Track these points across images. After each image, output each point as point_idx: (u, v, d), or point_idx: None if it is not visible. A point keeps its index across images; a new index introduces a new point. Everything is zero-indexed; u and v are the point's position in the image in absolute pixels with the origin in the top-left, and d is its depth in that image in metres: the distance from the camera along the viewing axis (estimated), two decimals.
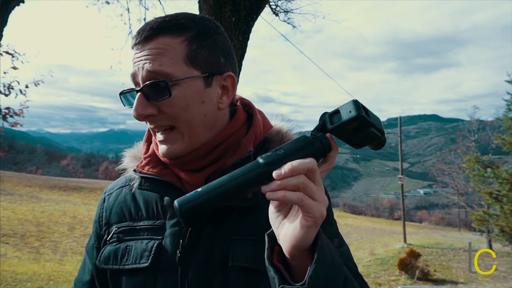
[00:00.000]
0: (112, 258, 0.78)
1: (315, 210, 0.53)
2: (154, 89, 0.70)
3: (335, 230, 0.84)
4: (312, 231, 0.55)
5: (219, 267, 0.71)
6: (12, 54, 6.74)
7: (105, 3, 6.63)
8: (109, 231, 0.84)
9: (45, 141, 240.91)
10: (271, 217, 0.60)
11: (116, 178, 0.96)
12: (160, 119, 0.73)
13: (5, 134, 8.84)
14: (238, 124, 0.81)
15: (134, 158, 0.88)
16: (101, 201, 0.91)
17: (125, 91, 0.76)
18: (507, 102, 10.85)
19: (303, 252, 0.56)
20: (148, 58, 0.70)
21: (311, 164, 0.54)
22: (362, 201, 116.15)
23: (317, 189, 0.55)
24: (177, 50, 0.71)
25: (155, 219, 0.79)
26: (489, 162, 11.62)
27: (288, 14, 6.96)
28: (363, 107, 0.57)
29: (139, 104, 0.71)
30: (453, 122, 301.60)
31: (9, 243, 12.20)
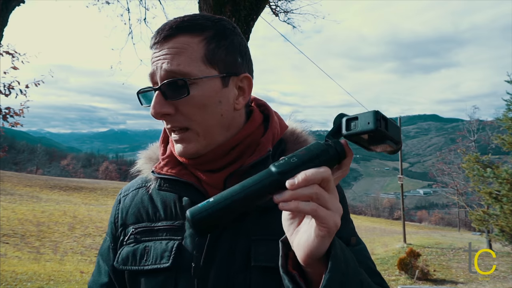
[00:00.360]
0: (131, 259, 0.78)
1: (329, 220, 0.52)
2: (172, 88, 0.71)
3: (352, 228, 0.84)
4: (326, 241, 0.54)
5: (241, 267, 0.72)
6: (12, 54, 6.76)
7: (105, 3, 6.65)
8: (125, 232, 0.83)
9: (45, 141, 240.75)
10: (285, 224, 0.59)
11: (116, 178, 0.96)
12: (176, 119, 0.73)
13: (5, 134, 8.85)
14: (255, 124, 0.81)
15: (149, 159, 0.88)
16: (116, 202, 0.91)
17: (143, 89, 0.77)
18: (507, 102, 10.85)
19: (317, 260, 0.56)
20: (167, 57, 0.71)
21: (325, 173, 0.53)
22: (362, 201, 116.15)
23: (331, 198, 0.54)
24: (195, 49, 0.72)
25: (173, 219, 0.79)
26: (488, 162, 11.62)
27: (288, 14, 6.98)
28: (383, 119, 0.54)
29: (157, 103, 0.71)
30: (453, 122, 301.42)
31: (9, 243, 12.20)
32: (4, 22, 4.53)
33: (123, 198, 0.90)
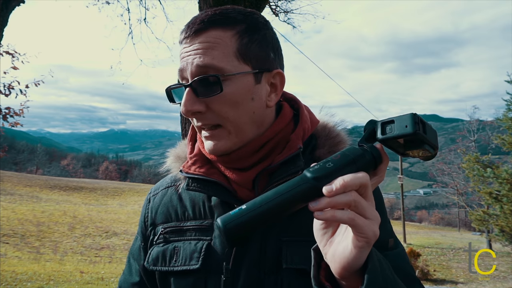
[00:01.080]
0: (161, 259, 0.77)
1: (368, 230, 0.49)
2: (204, 85, 0.68)
3: (390, 229, 0.80)
4: (364, 252, 0.51)
5: (271, 268, 0.70)
6: (12, 54, 6.75)
7: (105, 3, 6.64)
8: (155, 232, 0.82)
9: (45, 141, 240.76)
10: (317, 234, 0.56)
11: (115, 178, 0.96)
12: (208, 117, 0.71)
13: (5, 134, 8.85)
14: (285, 120, 0.78)
15: (177, 158, 0.86)
16: (146, 201, 0.90)
17: (173, 86, 0.74)
18: (507, 102, 10.86)
19: (353, 273, 0.52)
20: (198, 52, 0.68)
21: (364, 178, 0.49)
22: None
23: (369, 206, 0.50)
24: (228, 44, 0.69)
25: (202, 219, 0.78)
26: (488, 162, 11.63)
27: (288, 15, 6.97)
28: (422, 122, 0.52)
29: (188, 100, 0.68)
30: (453, 122, 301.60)
31: (9, 243, 12.20)
32: (4, 22, 4.53)
33: (152, 197, 0.88)
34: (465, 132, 24.88)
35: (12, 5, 4.58)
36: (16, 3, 4.63)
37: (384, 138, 0.53)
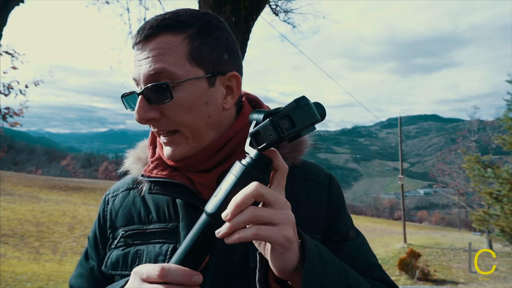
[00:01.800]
0: (122, 264, 0.75)
1: (277, 237, 0.50)
2: (155, 92, 0.67)
3: (350, 221, 0.83)
4: (287, 256, 0.53)
5: (238, 268, 0.70)
6: (12, 54, 6.73)
7: (105, 3, 6.63)
8: (114, 235, 0.80)
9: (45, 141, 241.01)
10: (256, 246, 0.59)
11: (116, 178, 0.94)
12: (163, 123, 0.70)
13: (5, 134, 8.83)
14: (245, 120, 0.78)
15: (138, 159, 0.85)
16: (103, 203, 0.87)
17: (126, 93, 0.74)
18: (508, 102, 10.84)
19: (293, 273, 0.54)
20: (150, 59, 0.68)
21: (255, 190, 0.50)
22: (362, 201, 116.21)
23: (272, 212, 0.51)
24: (179, 48, 0.68)
25: (167, 221, 0.76)
26: (489, 162, 11.61)
27: (288, 14, 6.97)
28: (284, 117, 0.52)
29: (141, 107, 0.68)
30: (453, 122, 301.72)
31: (8, 243, 12.18)
32: (3, 22, 4.52)
33: (112, 198, 0.86)
34: (465, 132, 24.90)
35: (11, 5, 4.57)
36: (15, 3, 4.62)
37: (262, 149, 0.54)
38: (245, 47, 3.84)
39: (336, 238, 0.79)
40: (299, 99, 0.53)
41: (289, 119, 0.51)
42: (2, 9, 4.44)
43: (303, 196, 0.80)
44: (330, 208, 0.81)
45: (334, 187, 0.85)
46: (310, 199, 0.80)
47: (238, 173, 0.53)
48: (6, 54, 6.65)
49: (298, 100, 0.53)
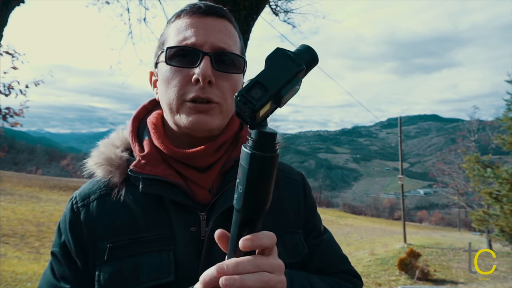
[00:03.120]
0: (118, 280, 0.67)
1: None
2: (223, 60, 0.72)
3: (320, 217, 0.91)
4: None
5: None
6: (12, 54, 6.73)
7: (105, 3, 6.64)
8: (96, 249, 0.70)
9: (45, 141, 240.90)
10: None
11: None
12: (213, 91, 0.71)
13: (5, 134, 8.82)
14: (238, 121, 0.82)
15: (106, 160, 0.77)
16: (70, 213, 0.75)
17: (179, 47, 0.71)
18: (507, 102, 10.85)
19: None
20: (219, 32, 0.73)
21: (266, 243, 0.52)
22: (362, 201, 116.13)
23: (267, 276, 0.51)
24: (237, 41, 0.78)
25: (159, 227, 0.70)
26: (489, 162, 11.62)
27: (288, 14, 6.97)
28: (255, 83, 0.45)
29: (208, 66, 0.69)
30: (453, 122, 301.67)
31: (9, 243, 12.19)
32: (4, 22, 4.52)
33: (83, 207, 0.75)
34: (465, 132, 24.89)
35: (12, 5, 4.58)
36: (16, 3, 4.62)
37: (252, 127, 0.48)
38: (245, 47, 3.85)
39: (314, 233, 0.87)
40: (271, 54, 0.46)
41: (259, 85, 0.45)
42: (2, 9, 4.45)
43: (284, 192, 0.84)
44: (306, 204, 0.88)
45: (307, 185, 0.91)
46: (289, 195, 0.85)
47: (246, 162, 0.50)
48: (7, 54, 6.66)
49: (271, 55, 0.46)
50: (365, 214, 60.51)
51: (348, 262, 0.89)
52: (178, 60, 0.71)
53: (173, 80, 0.71)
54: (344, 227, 27.93)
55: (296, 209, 0.84)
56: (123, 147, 0.81)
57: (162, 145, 0.75)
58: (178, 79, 0.71)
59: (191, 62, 0.70)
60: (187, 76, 0.71)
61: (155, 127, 0.79)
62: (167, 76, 0.72)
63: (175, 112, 0.72)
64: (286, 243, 0.78)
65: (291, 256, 0.78)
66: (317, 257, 0.85)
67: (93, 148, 0.85)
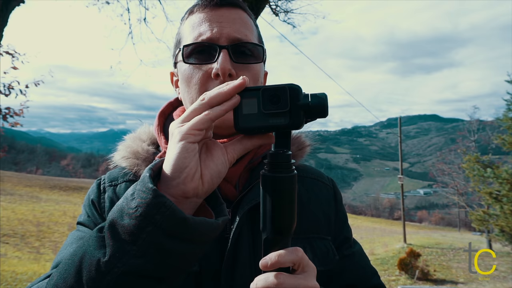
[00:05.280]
0: None
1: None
2: (243, 51, 0.71)
3: (350, 229, 0.88)
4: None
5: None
6: (12, 54, 6.73)
7: (105, 3, 6.65)
8: None
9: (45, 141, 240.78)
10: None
11: None
12: None
13: (5, 134, 8.83)
14: None
15: (132, 153, 0.78)
16: (97, 190, 0.78)
17: (195, 44, 0.71)
18: (507, 102, 10.85)
19: None
20: (234, 23, 0.71)
21: (274, 282, 0.50)
22: (362, 201, 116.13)
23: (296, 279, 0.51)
24: (254, 29, 0.76)
25: None
26: (489, 162, 11.63)
27: (288, 14, 6.97)
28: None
29: (226, 60, 0.68)
30: (453, 122, 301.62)
31: (9, 243, 12.18)
32: (4, 22, 4.52)
33: (110, 187, 0.77)
34: (465, 132, 24.90)
35: (12, 5, 4.58)
36: (16, 4, 4.63)
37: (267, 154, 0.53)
38: None
39: (347, 245, 0.83)
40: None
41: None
42: (2, 9, 4.45)
43: (314, 194, 0.82)
44: (338, 211, 0.84)
45: (338, 191, 0.88)
46: (320, 198, 0.82)
47: (261, 183, 0.51)
48: (7, 54, 6.66)
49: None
50: (365, 214, 60.53)
51: (378, 276, 0.85)
52: (196, 57, 0.71)
53: (193, 78, 0.71)
54: None
55: (326, 214, 0.81)
56: (149, 141, 0.82)
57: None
58: (198, 76, 0.71)
59: (209, 58, 0.70)
60: (207, 72, 0.70)
61: None
62: (186, 74, 0.72)
63: None
64: (315, 248, 0.76)
65: (321, 263, 0.74)
66: (348, 270, 0.81)
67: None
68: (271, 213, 0.50)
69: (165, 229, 0.46)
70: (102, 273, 0.47)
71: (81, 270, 0.49)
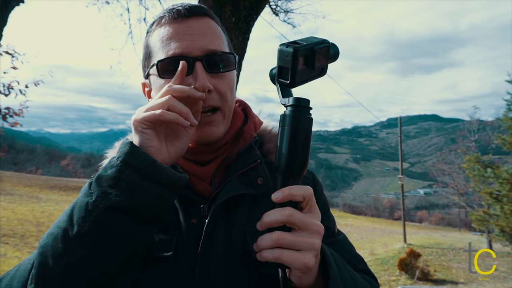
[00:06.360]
0: None
1: (296, 263, 0.54)
2: (215, 61, 0.71)
3: (334, 218, 0.90)
4: (303, 278, 0.57)
5: (239, 261, 0.71)
6: (12, 54, 6.73)
7: (105, 3, 6.64)
8: None
9: (45, 141, 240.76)
10: None
11: None
12: (213, 97, 0.71)
13: (5, 134, 8.82)
14: (241, 117, 0.83)
15: None
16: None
17: (170, 59, 0.70)
18: (507, 102, 10.86)
19: (311, 286, 0.60)
20: (203, 35, 0.71)
21: (285, 216, 0.56)
22: (362, 201, 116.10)
23: (297, 238, 0.55)
24: (222, 36, 0.76)
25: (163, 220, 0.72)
26: (489, 162, 11.63)
27: (288, 14, 6.97)
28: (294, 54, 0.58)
29: (203, 75, 0.69)
30: (453, 122, 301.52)
31: (9, 243, 12.18)
32: (3, 22, 4.52)
33: None
34: (465, 132, 24.88)
35: (12, 5, 4.57)
36: (15, 3, 4.62)
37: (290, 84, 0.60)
38: (245, 47, 3.84)
39: (327, 234, 0.85)
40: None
41: (293, 41, 0.60)
42: (2, 9, 4.45)
43: None
44: (318, 203, 0.86)
45: (318, 183, 0.89)
46: None
47: (289, 123, 0.57)
48: (6, 54, 6.65)
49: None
50: (365, 214, 60.50)
51: (364, 262, 0.87)
52: (170, 72, 0.70)
53: None
54: (344, 227, 27.90)
55: None
56: None
57: None
58: None
59: None
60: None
61: None
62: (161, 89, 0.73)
63: None
64: None
65: None
66: None
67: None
68: (287, 150, 0.56)
69: (139, 171, 0.58)
70: (89, 211, 0.58)
71: (72, 215, 0.59)
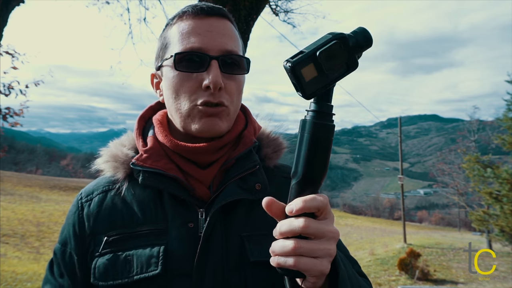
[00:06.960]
0: (112, 273, 0.69)
1: (313, 271, 0.52)
2: (230, 63, 0.73)
3: None
4: (318, 283, 0.55)
5: (236, 266, 0.70)
6: (12, 54, 6.73)
7: (105, 3, 6.63)
8: (96, 242, 0.73)
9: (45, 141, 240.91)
10: None
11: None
12: (223, 95, 0.73)
13: (5, 134, 8.82)
14: (243, 121, 0.84)
15: (113, 157, 0.80)
16: (76, 208, 0.79)
17: (188, 52, 0.72)
18: (507, 102, 10.86)
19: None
20: (223, 35, 0.74)
21: (302, 226, 0.52)
22: (362, 201, 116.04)
23: (314, 245, 0.52)
24: (239, 40, 0.78)
25: (155, 222, 0.72)
26: (489, 162, 11.64)
27: (288, 14, 6.96)
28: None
29: (218, 73, 0.71)
30: (453, 122, 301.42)
31: (9, 243, 12.18)
32: (4, 22, 4.52)
33: (86, 203, 0.79)
34: (465, 132, 24.86)
35: (12, 5, 4.58)
36: (16, 3, 4.62)
37: (311, 94, 0.53)
38: (245, 47, 3.85)
39: None
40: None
41: (300, 52, 0.52)
42: (2, 9, 4.45)
43: (287, 195, 0.83)
44: None
45: None
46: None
47: (309, 130, 0.52)
48: (7, 54, 6.65)
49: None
50: (365, 214, 60.52)
51: (358, 264, 0.86)
52: (186, 65, 0.72)
53: (182, 86, 0.73)
54: (344, 227, 27.90)
55: None
56: (130, 146, 0.84)
57: (165, 139, 0.77)
58: (187, 84, 0.72)
59: (199, 67, 0.72)
60: (196, 82, 0.72)
61: (160, 124, 0.81)
62: (175, 81, 0.73)
63: (186, 116, 0.74)
64: None
65: None
66: None
67: (94, 147, 0.87)
68: (305, 157, 0.52)
69: None
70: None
71: None
